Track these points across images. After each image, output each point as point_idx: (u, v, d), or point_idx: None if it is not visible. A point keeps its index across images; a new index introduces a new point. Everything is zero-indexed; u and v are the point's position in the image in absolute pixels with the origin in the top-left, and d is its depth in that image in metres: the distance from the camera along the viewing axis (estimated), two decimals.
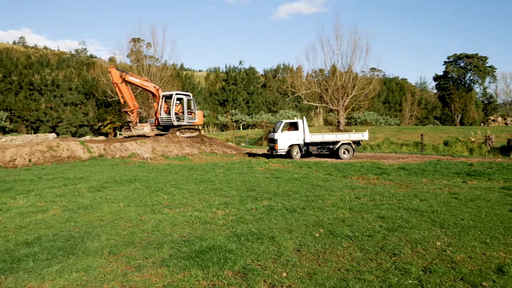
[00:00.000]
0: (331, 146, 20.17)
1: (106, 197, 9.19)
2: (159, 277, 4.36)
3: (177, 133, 24.72)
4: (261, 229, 6.08)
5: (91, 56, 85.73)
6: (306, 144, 19.95)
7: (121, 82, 23.92)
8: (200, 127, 30.54)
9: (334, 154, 20.11)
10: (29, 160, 17.28)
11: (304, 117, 21.79)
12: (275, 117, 51.37)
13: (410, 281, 4.14)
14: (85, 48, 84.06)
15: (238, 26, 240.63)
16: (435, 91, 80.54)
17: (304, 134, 19.80)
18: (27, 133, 44.47)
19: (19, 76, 53.92)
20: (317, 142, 20.15)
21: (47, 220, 7.11)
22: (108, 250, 5.29)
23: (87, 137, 31.68)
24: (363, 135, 20.90)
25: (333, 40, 66.69)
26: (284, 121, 20.48)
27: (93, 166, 16.40)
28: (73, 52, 79.68)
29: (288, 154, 19.69)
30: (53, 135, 32.15)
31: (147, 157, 19.87)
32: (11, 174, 14.10)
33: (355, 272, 4.40)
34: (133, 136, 24.16)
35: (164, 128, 25.94)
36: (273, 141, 19.87)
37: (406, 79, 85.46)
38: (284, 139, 19.54)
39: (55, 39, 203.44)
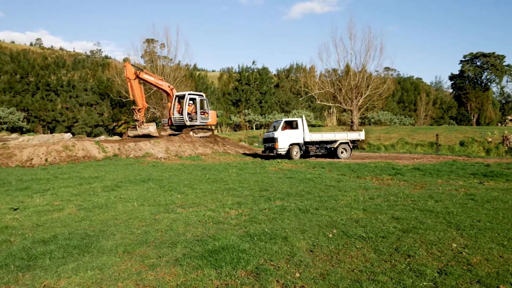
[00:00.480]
0: (329, 146, 19.95)
1: (120, 197, 9.29)
2: (173, 276, 4.38)
3: (191, 133, 24.86)
4: (274, 229, 6.07)
5: (106, 57, 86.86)
6: (305, 143, 19.64)
7: (134, 79, 24.12)
8: (213, 127, 30.63)
9: (332, 154, 19.89)
10: (46, 160, 17.57)
11: (303, 116, 21.48)
12: (288, 117, 51.27)
13: (425, 283, 4.08)
14: (100, 49, 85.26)
15: (252, 26, 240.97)
16: (451, 90, 79.44)
17: (304, 133, 19.49)
18: (44, 133, 45.25)
19: (36, 77, 54.90)
20: (316, 142, 19.90)
21: (63, 219, 7.21)
22: (123, 249, 5.35)
23: (102, 137, 32.05)
24: (360, 135, 20.91)
25: (346, 39, 66.42)
26: (284, 119, 20.01)
27: (107, 166, 16.59)
28: (89, 53, 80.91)
29: (288, 154, 19.22)
30: (69, 135, 32.61)
31: (161, 157, 20.02)
32: (28, 173, 14.34)
33: (368, 273, 4.36)
34: (138, 135, 24.28)
35: (178, 128, 26.11)
36: (272, 140, 19.34)
37: (421, 79, 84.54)
38: (284, 138, 19.08)
39: (70, 40, 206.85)
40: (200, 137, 25.10)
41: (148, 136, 23.75)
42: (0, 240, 5.86)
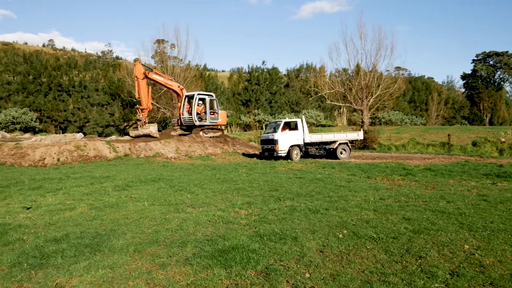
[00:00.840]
0: (328, 146, 19.74)
1: (131, 196, 9.36)
2: (183, 276, 4.40)
3: (201, 133, 24.93)
4: (284, 229, 6.06)
5: (117, 58, 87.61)
6: (305, 144, 19.38)
7: (143, 79, 24.26)
8: (223, 127, 30.66)
9: (331, 154, 19.69)
10: (58, 159, 17.78)
11: (303, 116, 21.12)
12: (298, 117, 51.15)
13: (436, 285, 4.04)
14: (111, 50, 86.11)
15: (261, 26, 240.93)
16: (463, 90, 78.46)
17: (304, 134, 19.20)
18: (56, 133, 45.76)
19: (48, 78, 55.57)
20: (316, 142, 19.69)
21: (74, 218, 7.29)
22: (133, 248, 5.39)
23: (113, 137, 32.30)
24: (358, 135, 20.72)
25: (357, 39, 65.85)
26: (283, 120, 19.58)
27: (118, 166, 16.73)
28: (100, 54, 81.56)
29: (288, 156, 18.87)
30: (80, 135, 32.95)
31: (171, 157, 20.12)
32: (40, 172, 14.53)
33: (379, 274, 4.33)
34: (139, 135, 24.29)
35: (187, 128, 26.19)
36: (271, 142, 18.91)
37: (432, 78, 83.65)
38: (285, 140, 18.72)
39: (82, 41, 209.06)
40: (210, 137, 25.15)
41: (149, 136, 23.75)
42: (14, 239, 5.94)
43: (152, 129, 24.21)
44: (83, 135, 33.57)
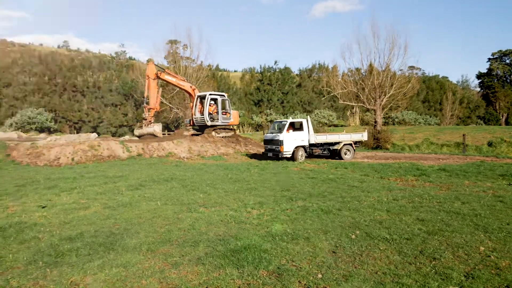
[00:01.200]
0: (333, 147, 19.51)
1: (144, 195, 9.43)
2: (195, 275, 4.42)
3: (213, 133, 25.01)
4: (296, 230, 6.04)
5: (130, 58, 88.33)
6: (310, 145, 19.02)
7: (154, 79, 24.45)
8: (235, 127, 30.69)
9: (335, 155, 19.47)
10: (72, 159, 18.02)
11: (308, 116, 20.71)
12: (311, 117, 50.90)
13: (451, 287, 3.99)
14: (124, 51, 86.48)
15: (273, 26, 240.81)
16: (478, 89, 77.27)
17: (309, 135, 18.86)
18: (70, 133, 46.42)
19: (63, 79, 56.44)
20: (321, 143, 19.39)
21: (89, 217, 7.38)
22: (146, 247, 5.43)
23: (126, 137, 32.68)
24: (363, 135, 20.45)
25: (370, 38, 65.32)
26: (288, 120, 19.09)
27: (132, 165, 16.89)
28: (113, 55, 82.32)
29: (292, 157, 18.45)
30: (94, 135, 33.41)
31: (184, 157, 20.23)
32: (55, 172, 14.74)
33: (392, 275, 4.29)
34: (143, 134, 24.45)
35: (200, 128, 26.29)
36: (276, 142, 18.54)
37: (447, 77, 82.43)
38: (290, 141, 18.33)
39: (96, 42, 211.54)
40: (222, 137, 25.21)
41: (152, 136, 23.87)
42: (29, 237, 6.04)
43: (156, 128, 24.34)
44: (97, 135, 34.04)
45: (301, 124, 19.07)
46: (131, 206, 8.24)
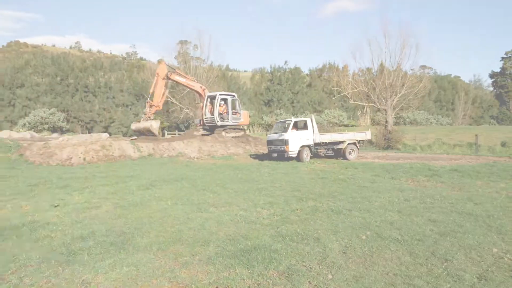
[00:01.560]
0: (337, 147, 19.35)
1: (155, 195, 9.49)
2: (205, 274, 4.44)
3: (223, 133, 25.05)
4: (306, 230, 6.03)
5: (141, 59, 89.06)
6: (315, 144, 18.87)
7: (163, 78, 24.45)
8: (245, 127, 30.71)
9: (339, 155, 19.32)
10: (84, 159, 18.20)
11: (312, 115, 20.46)
12: (321, 117, 50.69)
13: None
14: (135, 51, 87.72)
15: (284, 26, 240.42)
16: (491, 88, 76.30)
17: (314, 134, 18.70)
18: (82, 133, 46.96)
19: (75, 79, 57.10)
20: (326, 143, 19.26)
21: (100, 216, 7.44)
22: (157, 246, 5.46)
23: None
24: (366, 134, 20.25)
25: (380, 38, 64.85)
26: (293, 119, 18.94)
27: (142, 165, 17.00)
28: (124, 55, 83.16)
29: (298, 157, 18.28)
30: (106, 134, 33.75)
31: (194, 157, 20.31)
32: (67, 171, 14.90)
33: (403, 277, 4.26)
34: (140, 128, 24.00)
35: (210, 128, 26.36)
36: (281, 142, 18.31)
37: (459, 77, 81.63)
38: (295, 140, 18.13)
39: (107, 43, 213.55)
40: (232, 137, 25.25)
41: (149, 132, 23.46)
42: (42, 236, 6.11)
43: (154, 123, 23.66)
44: (108, 135, 34.35)
45: (305, 123, 18.90)
46: (142, 206, 8.29)
